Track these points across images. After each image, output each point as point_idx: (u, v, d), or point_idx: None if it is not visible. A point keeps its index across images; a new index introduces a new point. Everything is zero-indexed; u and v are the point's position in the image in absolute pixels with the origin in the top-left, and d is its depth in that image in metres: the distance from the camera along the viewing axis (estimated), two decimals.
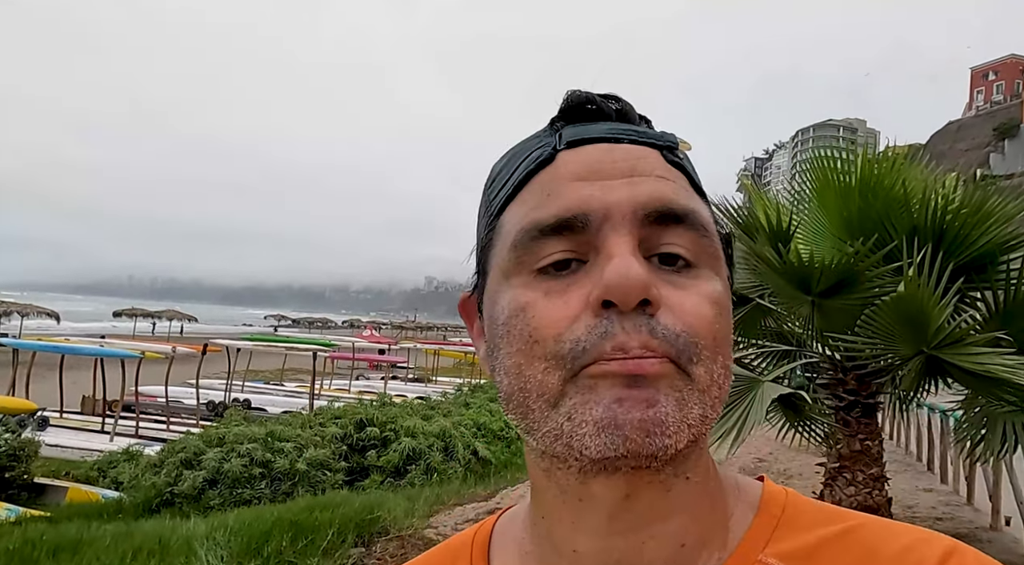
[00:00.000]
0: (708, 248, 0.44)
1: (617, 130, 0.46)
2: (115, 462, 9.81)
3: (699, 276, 0.43)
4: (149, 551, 4.28)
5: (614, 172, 0.43)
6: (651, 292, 0.40)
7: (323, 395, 17.98)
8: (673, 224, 0.43)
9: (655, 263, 0.43)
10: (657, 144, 0.46)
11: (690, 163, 0.49)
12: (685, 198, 0.44)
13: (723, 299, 0.44)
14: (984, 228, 3.75)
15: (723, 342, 0.42)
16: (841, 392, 4.52)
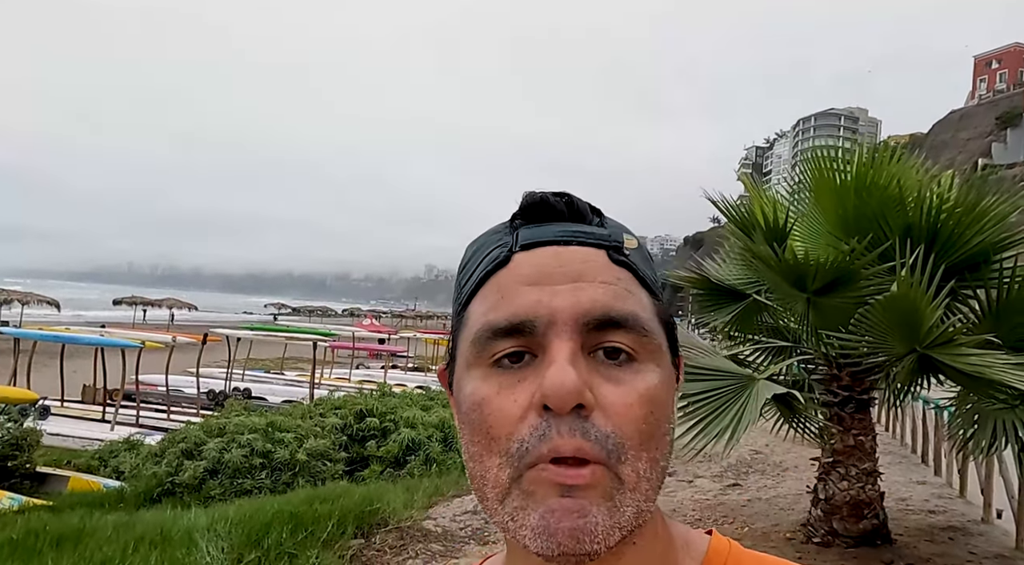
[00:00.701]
0: (648, 345, 0.47)
1: (567, 232, 0.49)
2: (116, 451, 9.87)
3: (639, 370, 0.47)
4: (151, 541, 4.33)
5: (561, 277, 0.47)
6: (584, 397, 0.44)
7: (323, 384, 18.05)
8: (613, 328, 0.46)
9: (600, 356, 0.46)
10: (603, 245, 0.49)
11: (643, 252, 0.52)
12: (625, 302, 0.47)
13: (658, 393, 0.47)
14: (978, 228, 3.77)
15: (650, 438, 0.46)
16: (835, 388, 4.56)
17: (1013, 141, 68.09)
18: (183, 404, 16.20)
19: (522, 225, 0.51)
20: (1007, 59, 79.68)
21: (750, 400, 3.66)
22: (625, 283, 0.48)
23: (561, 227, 0.50)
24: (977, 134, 70.78)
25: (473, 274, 0.51)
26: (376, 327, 36.18)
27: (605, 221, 0.52)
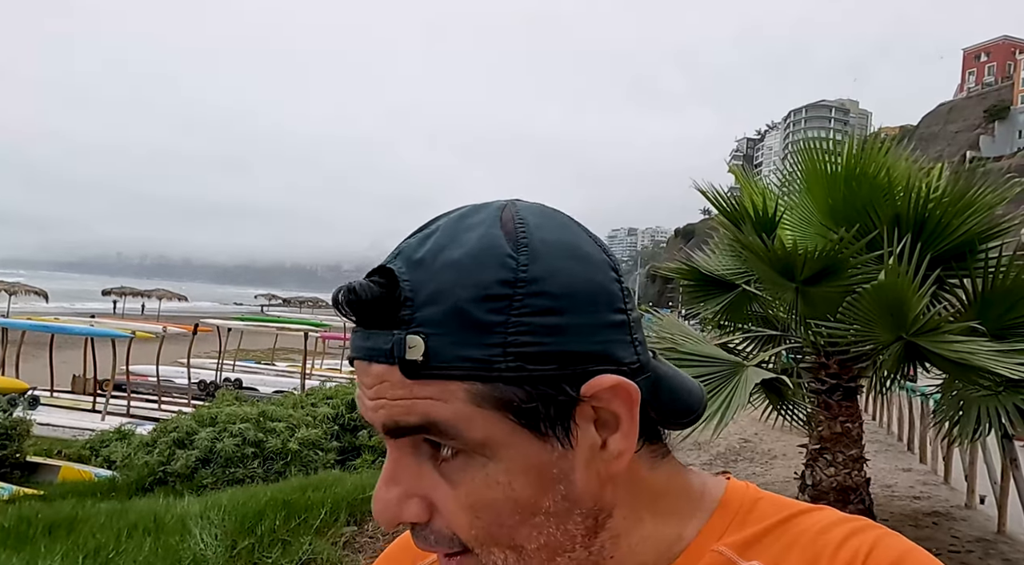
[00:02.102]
0: (463, 443, 0.45)
1: (363, 349, 0.46)
2: (107, 441, 9.86)
3: (467, 467, 0.45)
4: (144, 528, 4.35)
5: (370, 396, 0.46)
6: (405, 516, 0.46)
7: (315, 375, 18.05)
8: (415, 433, 0.45)
9: (434, 449, 0.46)
10: (391, 361, 0.45)
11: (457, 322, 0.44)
12: (419, 411, 0.44)
13: (487, 492, 0.45)
14: (964, 218, 3.83)
15: (489, 536, 0.46)
16: (823, 376, 4.62)
17: (1001, 134, 68.59)
18: (174, 394, 16.17)
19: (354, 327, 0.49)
20: (995, 52, 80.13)
21: (739, 386, 3.71)
22: (425, 392, 0.44)
23: (360, 340, 0.47)
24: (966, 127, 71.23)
25: None
26: None
27: (405, 311, 0.45)
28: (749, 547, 0.50)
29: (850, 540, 0.48)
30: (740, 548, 0.50)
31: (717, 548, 0.51)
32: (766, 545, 0.50)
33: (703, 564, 0.50)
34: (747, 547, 0.50)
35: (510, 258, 0.45)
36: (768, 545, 0.50)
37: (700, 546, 0.51)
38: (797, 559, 0.48)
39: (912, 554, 0.47)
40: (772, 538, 0.50)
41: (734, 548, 0.50)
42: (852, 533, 0.48)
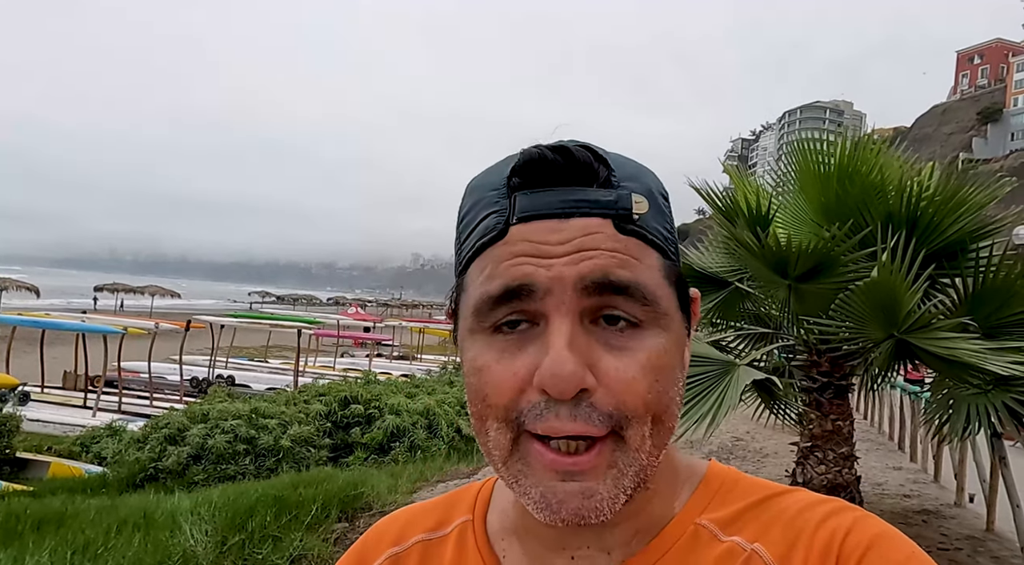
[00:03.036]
0: (653, 312, 0.47)
1: (567, 203, 0.46)
2: (98, 437, 9.81)
3: (643, 337, 0.46)
4: (134, 524, 4.33)
5: (560, 252, 0.45)
6: (584, 382, 0.44)
7: (307, 372, 18.01)
8: (614, 294, 0.46)
9: (601, 324, 0.46)
10: (608, 214, 0.46)
11: (657, 207, 0.49)
12: (627, 270, 0.46)
13: (661, 360, 0.47)
14: (956, 216, 3.84)
15: (656, 404, 0.46)
16: (815, 374, 4.63)
17: (993, 136, 68.98)
18: (166, 391, 16.10)
19: (518, 188, 0.47)
20: (989, 55, 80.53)
21: (731, 386, 3.71)
22: (632, 251, 0.47)
23: (561, 195, 0.46)
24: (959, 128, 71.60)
25: (471, 236, 0.49)
26: (362, 315, 36.08)
27: (615, 174, 0.48)
28: (730, 523, 0.51)
29: (829, 520, 0.49)
30: (722, 523, 0.51)
31: (700, 521, 0.52)
32: (746, 522, 0.51)
33: (687, 537, 0.51)
34: (728, 523, 0.51)
35: (661, 180, 0.52)
36: (748, 522, 0.51)
37: (683, 520, 0.52)
38: (778, 536, 0.49)
39: (887, 534, 0.47)
40: (752, 516, 0.51)
41: (716, 523, 0.52)
42: (831, 513, 0.49)
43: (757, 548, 0.49)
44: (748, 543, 0.49)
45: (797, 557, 0.47)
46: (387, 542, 0.61)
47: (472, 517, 0.59)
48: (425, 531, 0.60)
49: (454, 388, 12.31)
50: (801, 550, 0.47)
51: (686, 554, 0.50)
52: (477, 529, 0.58)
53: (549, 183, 0.47)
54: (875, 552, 0.46)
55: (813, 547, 0.47)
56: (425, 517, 0.61)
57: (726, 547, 0.50)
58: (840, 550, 0.46)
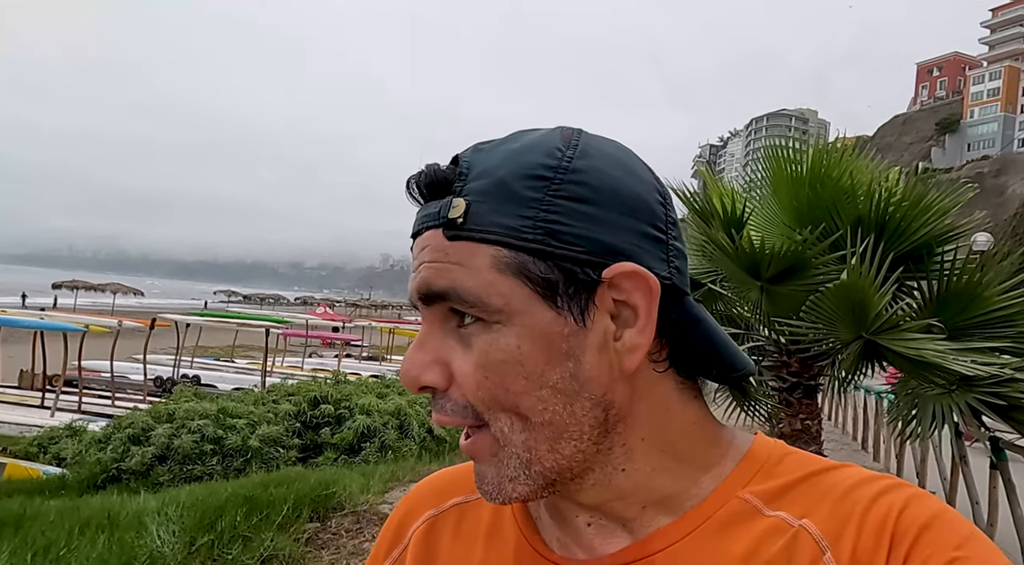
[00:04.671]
0: (482, 312, 0.48)
1: (420, 219, 0.51)
2: (57, 438, 9.51)
3: (484, 332, 0.48)
4: (98, 525, 4.20)
5: (415, 265, 0.51)
6: (426, 380, 0.49)
7: (275, 372, 17.73)
8: (441, 301, 0.49)
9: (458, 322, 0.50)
10: (436, 224, 0.50)
11: (495, 196, 0.48)
12: (446, 278, 0.48)
13: (496, 354, 0.47)
14: (923, 221, 3.95)
15: (494, 399, 0.48)
16: (785, 374, 4.72)
17: (951, 146, 71.23)
18: (128, 391, 15.70)
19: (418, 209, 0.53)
20: (947, 67, 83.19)
21: (703, 383, 3.76)
22: (456, 255, 0.48)
23: (420, 212, 0.52)
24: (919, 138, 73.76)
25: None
26: (330, 315, 35.67)
27: (459, 184, 0.49)
28: (776, 498, 0.50)
29: (883, 497, 0.48)
30: (766, 498, 0.50)
31: (742, 495, 0.51)
32: (793, 497, 0.50)
33: (727, 509, 0.51)
34: (773, 498, 0.50)
35: (558, 150, 0.49)
36: (796, 498, 0.50)
37: (724, 492, 0.51)
38: (827, 513, 0.48)
39: (944, 513, 0.46)
40: (799, 491, 0.50)
41: (760, 497, 0.51)
42: (884, 490, 0.48)
43: (805, 524, 0.48)
44: (795, 519, 0.48)
45: (848, 535, 0.46)
46: (427, 505, 0.63)
47: None
48: (463, 494, 0.62)
49: None
50: (853, 528, 0.46)
51: (726, 528, 0.49)
52: None
53: (424, 197, 0.51)
54: (932, 531, 0.45)
55: (866, 525, 0.46)
56: (463, 481, 0.63)
57: (771, 522, 0.49)
58: (895, 529, 0.45)
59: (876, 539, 0.45)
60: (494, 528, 0.58)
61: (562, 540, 0.54)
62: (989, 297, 3.73)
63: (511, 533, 0.57)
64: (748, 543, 0.48)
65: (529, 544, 0.55)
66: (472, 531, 0.59)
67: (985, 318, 3.75)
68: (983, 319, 3.75)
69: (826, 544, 0.46)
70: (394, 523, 0.64)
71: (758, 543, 0.48)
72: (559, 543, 0.54)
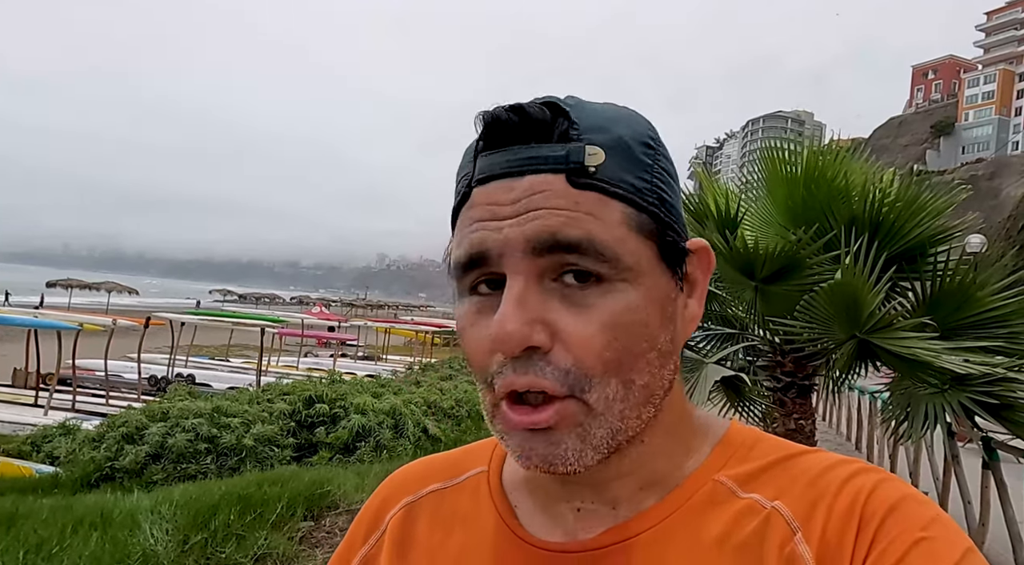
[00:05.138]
0: (613, 268, 0.46)
1: (517, 161, 0.47)
2: (50, 436, 9.46)
3: (606, 293, 0.46)
4: (91, 523, 4.19)
5: (512, 212, 0.46)
6: (532, 340, 0.45)
7: (270, 372, 17.70)
8: (565, 253, 0.45)
9: (564, 281, 0.46)
10: (560, 168, 0.46)
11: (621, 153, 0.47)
12: (580, 226, 0.45)
13: (624, 316, 0.46)
14: (916, 221, 3.97)
15: (618, 364, 0.46)
16: (779, 374, 4.73)
17: (946, 149, 71.50)
18: (123, 389, 15.66)
19: (481, 151, 0.49)
20: (942, 70, 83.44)
21: (699, 382, 3.78)
22: (586, 206, 0.46)
23: (513, 154, 0.47)
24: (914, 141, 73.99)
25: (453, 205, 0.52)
26: (326, 315, 35.61)
27: (576, 125, 0.47)
28: (749, 481, 0.51)
29: (852, 480, 0.49)
30: (740, 480, 0.52)
31: (718, 478, 0.52)
32: (766, 480, 0.51)
33: (703, 492, 0.52)
34: (748, 480, 0.52)
35: (649, 126, 0.51)
36: (768, 480, 0.51)
37: (701, 475, 0.53)
38: (798, 495, 0.49)
39: (910, 496, 0.47)
40: (772, 474, 0.52)
41: (735, 479, 0.52)
42: (854, 474, 0.49)
43: (778, 506, 0.49)
44: (768, 501, 0.50)
45: (819, 516, 0.47)
46: (404, 492, 0.63)
47: (488, 468, 0.60)
48: (440, 481, 0.62)
49: (420, 388, 12.24)
50: (823, 510, 0.47)
51: (702, 510, 0.51)
52: (492, 480, 0.59)
53: (506, 143, 0.47)
54: (898, 513, 0.46)
55: (835, 507, 0.47)
56: (440, 468, 0.63)
57: (745, 504, 0.50)
58: (863, 511, 0.46)
59: (845, 520, 0.46)
60: (472, 514, 0.58)
61: (544, 525, 0.55)
62: (982, 298, 3.75)
63: (489, 518, 0.57)
64: (723, 524, 0.49)
65: (508, 528, 0.55)
66: (449, 517, 0.59)
67: (978, 318, 3.77)
68: (976, 319, 3.77)
69: (797, 524, 0.48)
70: (371, 510, 0.64)
71: (733, 524, 0.49)
72: (541, 528, 0.55)
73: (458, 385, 12.92)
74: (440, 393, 11.81)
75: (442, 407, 11.36)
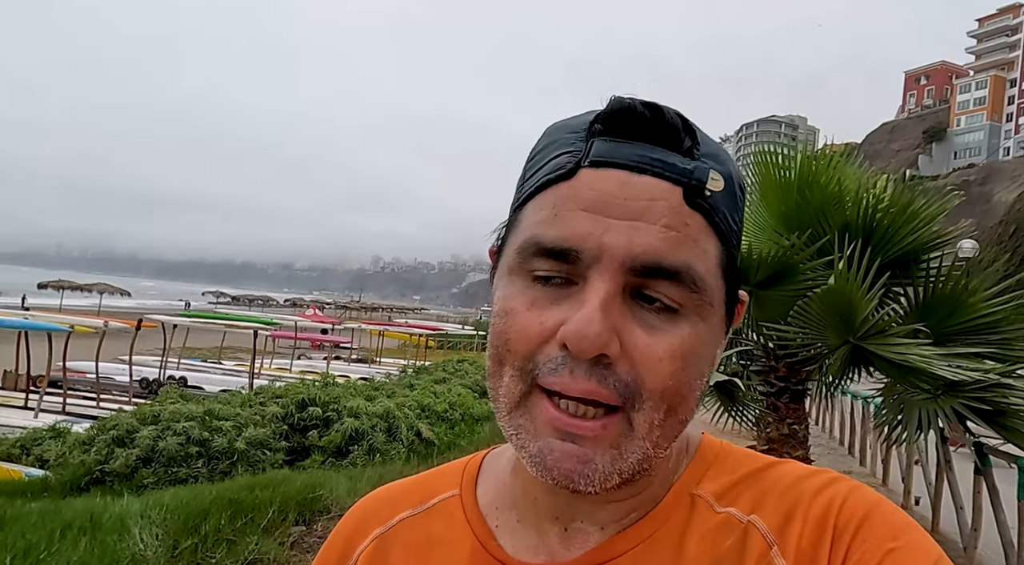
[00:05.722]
0: (697, 300, 0.46)
1: (644, 159, 0.45)
2: (40, 439, 9.38)
3: (678, 322, 0.45)
4: (80, 528, 4.15)
5: (621, 211, 0.44)
6: (608, 349, 0.43)
7: (263, 374, 17.62)
8: (662, 279, 0.45)
9: (639, 301, 0.45)
10: (682, 181, 0.45)
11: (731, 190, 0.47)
12: (682, 252, 0.44)
13: (693, 348, 0.45)
14: (909, 228, 3.98)
15: (675, 393, 0.45)
16: (772, 379, 4.74)
17: (938, 154, 71.93)
18: (114, 392, 15.56)
19: (599, 134, 0.46)
20: (935, 76, 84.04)
21: None
22: (693, 230, 0.45)
23: (640, 150, 0.45)
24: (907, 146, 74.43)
25: (537, 173, 0.48)
26: (320, 317, 35.52)
27: (699, 147, 0.46)
28: (725, 495, 0.52)
29: (824, 491, 0.49)
30: (717, 495, 0.52)
31: (696, 492, 0.52)
32: (740, 493, 0.51)
33: (682, 509, 0.52)
34: (723, 495, 0.52)
35: (741, 172, 0.52)
36: (742, 493, 0.51)
37: (679, 492, 0.53)
38: (773, 508, 0.50)
39: (882, 505, 0.48)
40: (745, 487, 0.52)
41: (712, 494, 0.52)
42: (826, 485, 0.50)
43: (753, 519, 0.49)
44: (744, 514, 0.50)
45: (794, 528, 0.48)
46: (374, 522, 0.60)
47: (460, 491, 0.59)
48: (410, 507, 0.60)
49: (414, 391, 12.21)
50: (798, 521, 0.48)
51: (682, 526, 0.51)
52: (467, 502, 0.57)
53: (631, 136, 0.46)
54: (870, 523, 0.46)
55: (809, 518, 0.48)
56: (408, 494, 0.61)
57: (722, 518, 0.50)
58: (836, 521, 0.47)
59: (819, 532, 0.47)
60: (447, 538, 0.56)
61: (526, 545, 0.53)
62: (974, 303, 3.76)
63: (466, 542, 0.55)
64: (702, 541, 0.50)
65: (487, 551, 0.54)
66: (423, 544, 0.57)
67: (970, 324, 3.78)
68: (968, 325, 3.78)
69: (773, 538, 0.48)
70: (339, 540, 0.61)
71: (711, 541, 0.49)
72: (522, 548, 0.53)
73: (452, 388, 12.89)
74: (434, 396, 11.78)
75: (436, 410, 11.33)
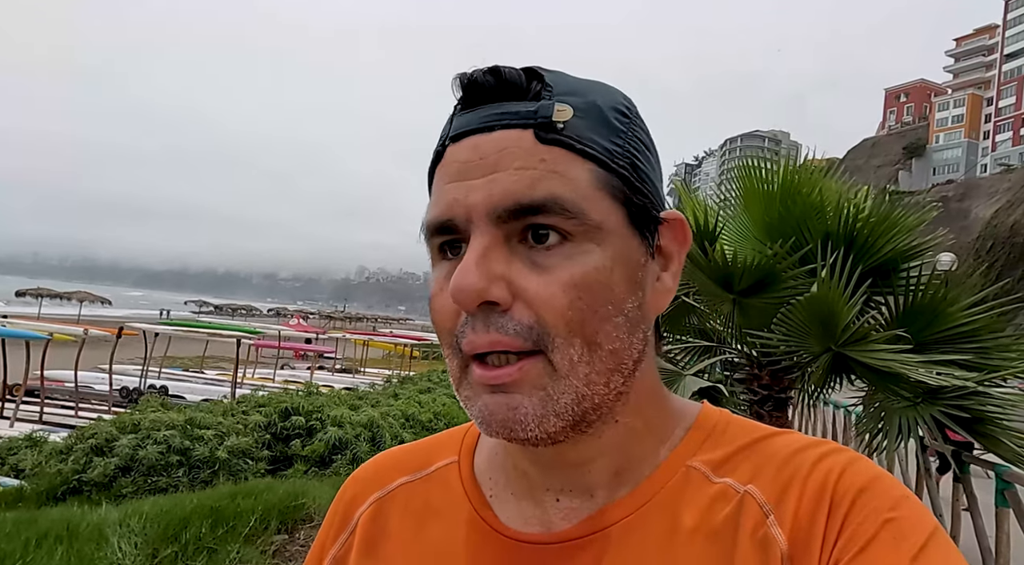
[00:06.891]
0: (580, 225, 0.46)
1: (490, 117, 0.47)
2: (15, 448, 9.20)
3: (571, 254, 0.45)
4: (56, 537, 4.07)
5: (480, 171, 0.46)
6: (490, 294, 0.44)
7: (246, 384, 17.43)
8: (532, 215, 0.45)
9: (529, 242, 0.46)
10: (529, 124, 0.46)
11: (591, 114, 0.48)
12: (542, 186, 0.45)
13: (589, 276, 0.45)
14: (889, 237, 4.05)
15: (581, 323, 0.45)
16: (756, 387, 4.77)
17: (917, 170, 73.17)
18: (93, 401, 15.32)
19: (458, 113, 0.49)
20: (914, 94, 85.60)
21: (677, 393, 3.79)
22: (551, 162, 0.46)
23: (487, 111, 0.47)
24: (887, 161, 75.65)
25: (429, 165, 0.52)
26: (304, 327, 35.25)
27: (550, 88, 0.48)
28: (722, 465, 0.52)
29: (823, 462, 0.49)
30: (713, 465, 0.52)
31: (692, 463, 0.52)
32: (738, 463, 0.51)
33: (678, 478, 0.52)
34: (720, 465, 0.52)
35: (625, 97, 0.52)
36: (740, 464, 0.51)
37: (674, 462, 0.53)
38: (771, 478, 0.50)
39: (880, 476, 0.48)
40: (743, 457, 0.52)
41: (708, 465, 0.52)
42: (824, 455, 0.50)
43: (751, 489, 0.49)
44: (741, 485, 0.50)
45: (791, 499, 0.48)
46: (372, 487, 0.61)
47: (458, 458, 0.59)
48: (408, 473, 0.60)
49: (399, 401, 12.14)
50: (795, 492, 0.48)
51: (677, 496, 0.51)
52: (464, 470, 0.58)
53: (481, 102, 0.48)
54: (868, 493, 0.46)
55: (807, 489, 0.48)
56: (407, 460, 0.62)
57: (718, 489, 0.50)
58: (833, 492, 0.47)
59: (816, 502, 0.47)
60: (444, 506, 0.57)
61: (521, 515, 0.54)
62: (953, 313, 3.83)
63: (463, 510, 0.56)
64: (698, 511, 0.50)
65: (482, 520, 0.55)
66: (421, 510, 0.58)
67: (948, 333, 3.84)
68: (947, 334, 3.85)
69: (769, 507, 0.48)
70: (340, 508, 0.62)
71: (707, 510, 0.49)
72: (517, 518, 0.54)
73: (436, 398, 12.83)
74: (419, 406, 11.71)
75: (420, 420, 11.27)
